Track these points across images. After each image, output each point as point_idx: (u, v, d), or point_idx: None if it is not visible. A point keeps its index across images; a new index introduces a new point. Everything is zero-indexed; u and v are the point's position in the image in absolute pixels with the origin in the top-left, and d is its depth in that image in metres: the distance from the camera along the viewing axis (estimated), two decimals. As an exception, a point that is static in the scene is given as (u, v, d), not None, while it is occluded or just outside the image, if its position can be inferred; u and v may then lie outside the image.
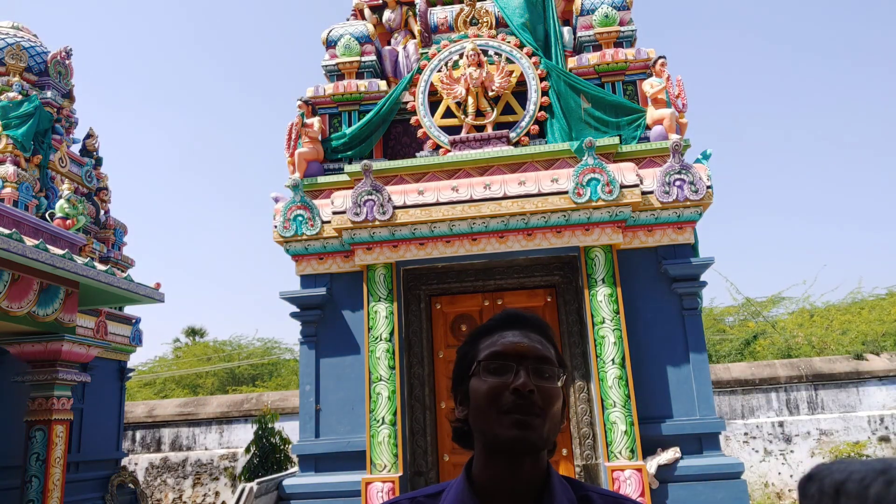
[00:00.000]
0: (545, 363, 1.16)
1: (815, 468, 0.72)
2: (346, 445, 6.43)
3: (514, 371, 1.14)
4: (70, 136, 10.04)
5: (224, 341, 23.45)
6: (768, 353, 14.14)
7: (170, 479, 11.80)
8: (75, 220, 8.76)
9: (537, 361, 1.15)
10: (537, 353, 1.16)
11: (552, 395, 1.14)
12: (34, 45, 9.93)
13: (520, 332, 1.19)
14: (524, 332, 1.20)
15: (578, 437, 6.35)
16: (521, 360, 1.15)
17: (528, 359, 1.15)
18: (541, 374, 1.14)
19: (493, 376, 1.15)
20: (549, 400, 1.13)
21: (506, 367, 1.15)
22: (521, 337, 1.18)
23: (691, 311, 6.39)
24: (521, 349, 1.16)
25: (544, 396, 1.13)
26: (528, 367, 1.14)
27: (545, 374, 1.15)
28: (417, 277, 6.88)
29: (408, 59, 7.91)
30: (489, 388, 1.14)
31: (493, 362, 1.16)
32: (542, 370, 1.15)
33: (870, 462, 0.66)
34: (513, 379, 1.13)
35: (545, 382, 1.14)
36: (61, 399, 6.58)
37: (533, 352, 1.16)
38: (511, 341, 1.17)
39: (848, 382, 10.67)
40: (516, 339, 1.17)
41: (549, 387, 1.14)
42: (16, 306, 5.91)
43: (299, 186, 6.88)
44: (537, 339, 1.19)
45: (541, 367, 1.15)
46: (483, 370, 1.16)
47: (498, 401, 1.12)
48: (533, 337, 1.19)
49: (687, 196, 6.32)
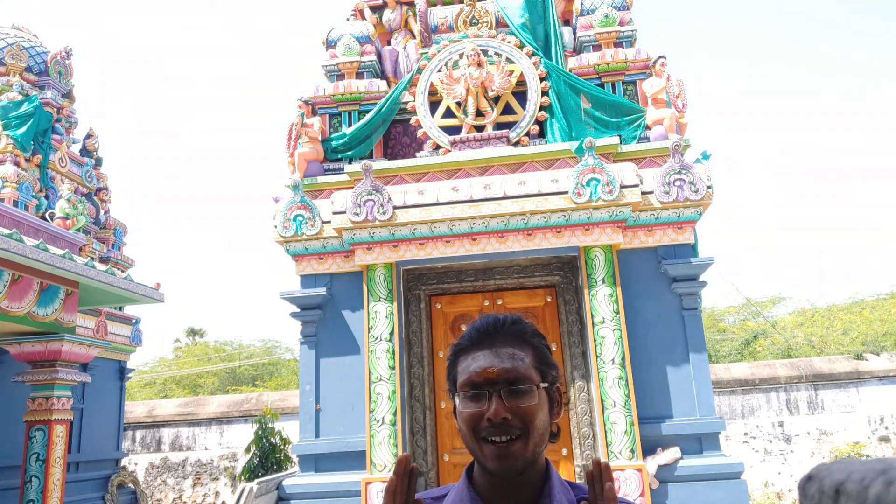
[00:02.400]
0: (517, 382, 1.15)
1: (815, 468, 0.72)
2: (346, 445, 6.43)
3: (488, 397, 1.14)
4: (70, 136, 10.04)
5: (224, 341, 23.47)
6: (768, 353, 14.13)
7: (170, 479, 11.80)
8: (75, 220, 8.77)
9: (509, 383, 1.15)
10: (507, 376, 1.15)
11: (529, 412, 1.14)
12: (34, 45, 9.93)
13: (490, 352, 1.18)
14: (494, 349, 1.18)
15: (578, 437, 6.35)
16: (493, 385, 1.15)
17: (498, 383, 1.15)
18: (515, 395, 1.14)
19: (471, 402, 1.16)
20: (527, 418, 1.13)
21: (479, 395, 1.15)
22: (490, 359, 1.17)
23: (691, 311, 6.39)
24: (489, 375, 1.15)
25: (521, 416, 1.13)
26: (500, 391, 1.14)
27: (519, 393, 1.15)
28: (417, 277, 6.88)
29: (408, 59, 7.91)
30: (468, 416, 1.16)
31: (467, 391, 1.17)
32: (516, 391, 1.15)
33: (870, 462, 0.66)
34: (487, 406, 1.14)
35: (520, 402, 1.14)
36: (61, 399, 6.57)
37: (503, 375, 1.15)
38: (481, 366, 1.17)
39: (848, 382, 10.67)
40: (486, 363, 1.17)
41: (524, 406, 1.14)
42: (16, 306, 5.91)
43: (299, 186, 6.88)
44: (508, 353, 1.18)
45: (513, 388, 1.15)
46: (462, 398, 1.18)
47: (477, 429, 1.14)
48: (503, 353, 1.18)
49: (687, 196, 6.32)
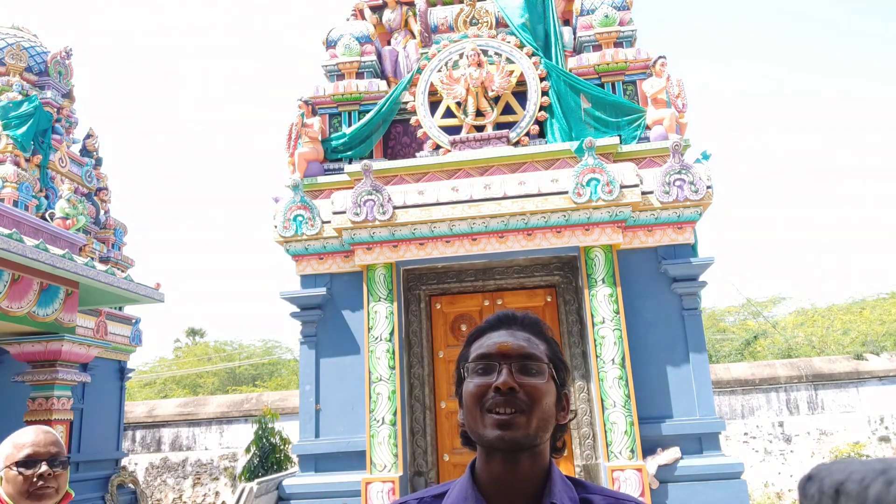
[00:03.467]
0: (530, 360, 1.17)
1: (815, 468, 0.71)
2: (346, 445, 6.43)
3: (498, 370, 1.16)
4: (70, 136, 10.04)
5: (224, 341, 23.49)
6: (769, 353, 14.13)
7: (170, 479, 11.80)
8: (75, 220, 8.77)
9: (522, 359, 1.17)
10: (522, 351, 1.18)
11: (538, 390, 1.15)
12: (34, 45, 9.93)
13: (506, 332, 1.21)
14: (511, 330, 1.22)
15: (578, 437, 6.35)
16: (505, 358, 1.17)
17: (511, 357, 1.17)
18: (526, 371, 1.16)
19: (479, 376, 1.17)
20: (535, 396, 1.14)
21: (490, 368, 1.17)
22: (506, 336, 1.20)
23: (691, 311, 6.39)
24: (504, 349, 1.18)
25: (529, 393, 1.14)
26: (511, 365, 1.16)
27: (531, 370, 1.16)
28: (417, 277, 6.88)
29: (408, 59, 7.91)
30: (475, 387, 1.16)
31: (479, 363, 1.19)
32: (527, 367, 1.16)
33: (870, 462, 0.66)
34: (496, 378, 1.15)
35: (530, 379, 1.15)
36: (61, 399, 6.57)
37: (517, 350, 1.18)
38: (496, 342, 1.19)
39: (848, 382, 10.66)
40: (501, 339, 1.19)
41: (534, 383, 1.15)
42: (16, 306, 5.90)
43: (299, 186, 6.88)
44: (524, 336, 1.21)
45: (525, 364, 1.17)
46: (471, 371, 1.19)
47: (482, 400, 1.15)
48: (519, 335, 1.21)
49: (687, 196, 6.32)
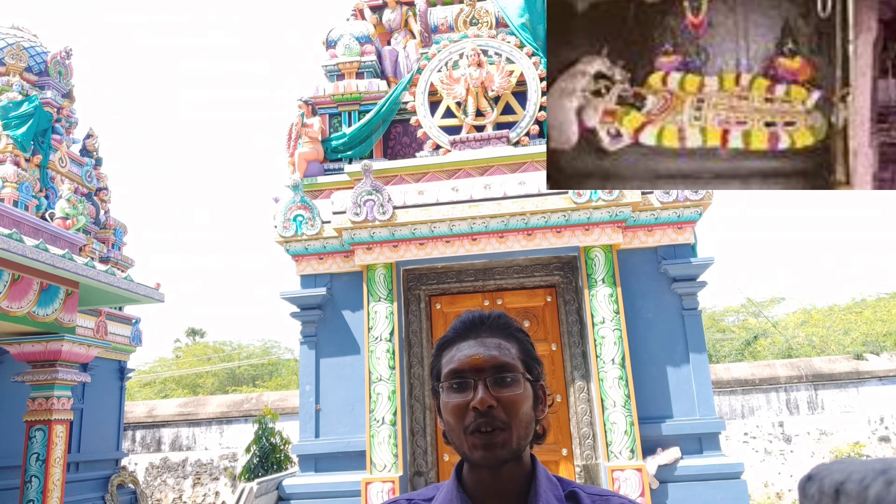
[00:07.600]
0: (503, 371, 1.15)
1: (815, 468, 0.71)
2: (346, 445, 6.43)
3: (473, 387, 1.14)
4: (70, 136, 10.04)
5: (224, 341, 23.49)
6: (769, 353, 14.13)
7: (170, 479, 11.80)
8: (75, 220, 8.77)
9: (495, 371, 1.15)
10: (495, 362, 1.15)
11: (515, 403, 1.13)
12: (34, 45, 9.93)
13: (475, 342, 1.18)
14: (480, 339, 1.18)
15: (578, 437, 6.35)
16: (478, 373, 1.14)
17: (484, 370, 1.14)
18: (501, 383, 1.14)
19: (455, 393, 1.15)
20: (513, 408, 1.13)
21: (465, 385, 1.15)
22: (476, 347, 1.17)
23: (691, 311, 6.39)
24: (476, 363, 1.15)
25: (507, 406, 1.13)
26: (486, 380, 1.14)
27: (506, 381, 1.14)
28: (417, 277, 6.88)
29: (408, 59, 7.91)
30: (453, 407, 1.15)
31: (452, 381, 1.16)
32: (502, 379, 1.14)
33: (870, 462, 0.65)
34: (472, 395, 1.13)
35: (506, 391, 1.14)
36: (61, 399, 6.57)
37: (490, 361, 1.15)
38: (466, 355, 1.16)
39: (848, 382, 10.67)
40: (472, 352, 1.17)
41: (510, 395, 1.13)
42: (16, 306, 5.90)
43: (299, 186, 6.88)
44: (494, 343, 1.18)
45: (499, 376, 1.14)
46: (446, 388, 1.17)
47: (462, 420, 1.13)
48: (489, 342, 1.18)
49: (687, 196, 6.32)
